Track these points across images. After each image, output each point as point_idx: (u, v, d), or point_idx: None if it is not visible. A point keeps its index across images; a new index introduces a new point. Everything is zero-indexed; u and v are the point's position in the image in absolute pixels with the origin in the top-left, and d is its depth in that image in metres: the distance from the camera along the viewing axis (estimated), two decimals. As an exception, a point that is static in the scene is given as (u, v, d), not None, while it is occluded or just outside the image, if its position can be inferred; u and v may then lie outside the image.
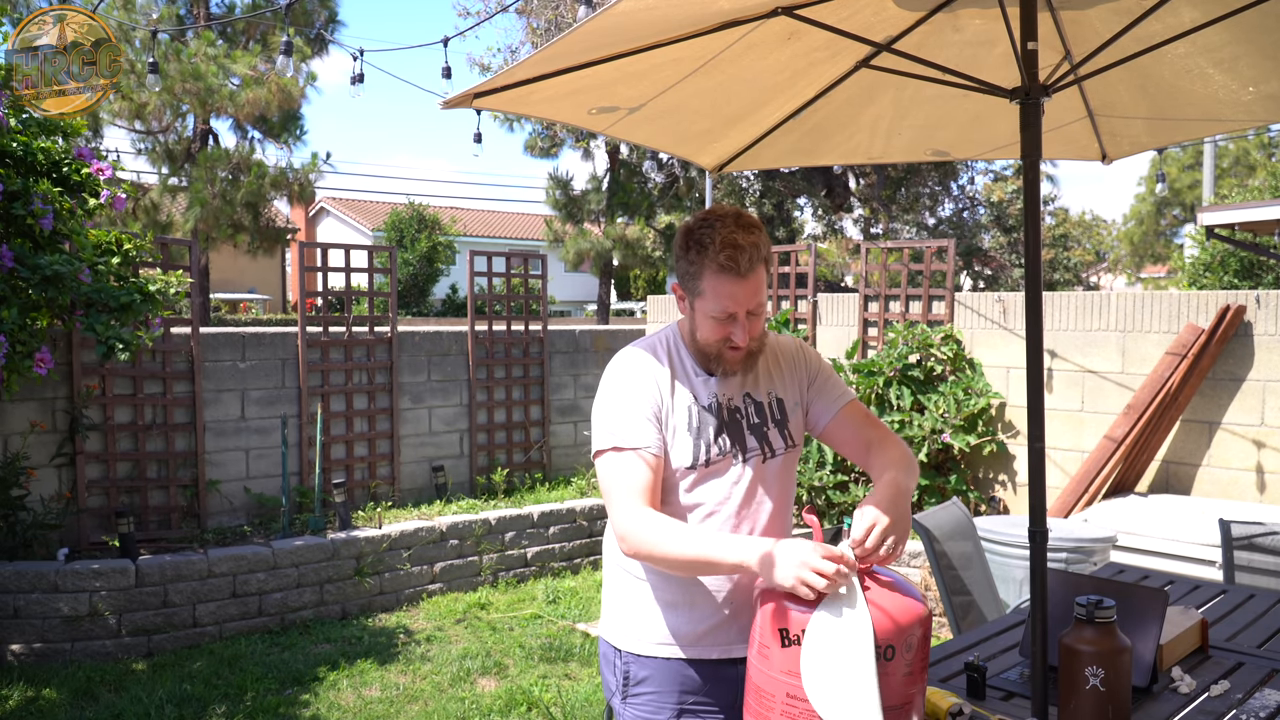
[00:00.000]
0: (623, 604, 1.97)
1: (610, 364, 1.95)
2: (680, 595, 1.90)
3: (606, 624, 2.03)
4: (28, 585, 4.57)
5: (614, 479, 1.83)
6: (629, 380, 1.89)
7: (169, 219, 12.33)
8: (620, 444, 1.83)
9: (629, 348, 1.97)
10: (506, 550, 6.12)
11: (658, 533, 1.75)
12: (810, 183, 16.88)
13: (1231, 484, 5.40)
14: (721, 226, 1.81)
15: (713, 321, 1.84)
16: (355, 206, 30.59)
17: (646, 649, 1.92)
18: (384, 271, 6.59)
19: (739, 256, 1.78)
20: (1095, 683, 1.80)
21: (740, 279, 1.79)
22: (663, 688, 1.90)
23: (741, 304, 1.81)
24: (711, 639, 1.90)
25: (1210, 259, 11.13)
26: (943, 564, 3.23)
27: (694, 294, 1.86)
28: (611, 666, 1.99)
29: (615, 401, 1.88)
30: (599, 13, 1.66)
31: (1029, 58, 1.93)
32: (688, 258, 1.84)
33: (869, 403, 6.39)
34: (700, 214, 1.88)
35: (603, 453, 1.86)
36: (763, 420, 1.94)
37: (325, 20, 13.41)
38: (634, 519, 1.78)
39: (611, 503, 1.83)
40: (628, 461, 1.82)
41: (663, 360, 1.92)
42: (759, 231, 1.82)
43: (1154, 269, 29.56)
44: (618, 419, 1.85)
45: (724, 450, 1.88)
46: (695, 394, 1.90)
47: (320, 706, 4.17)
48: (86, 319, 4.30)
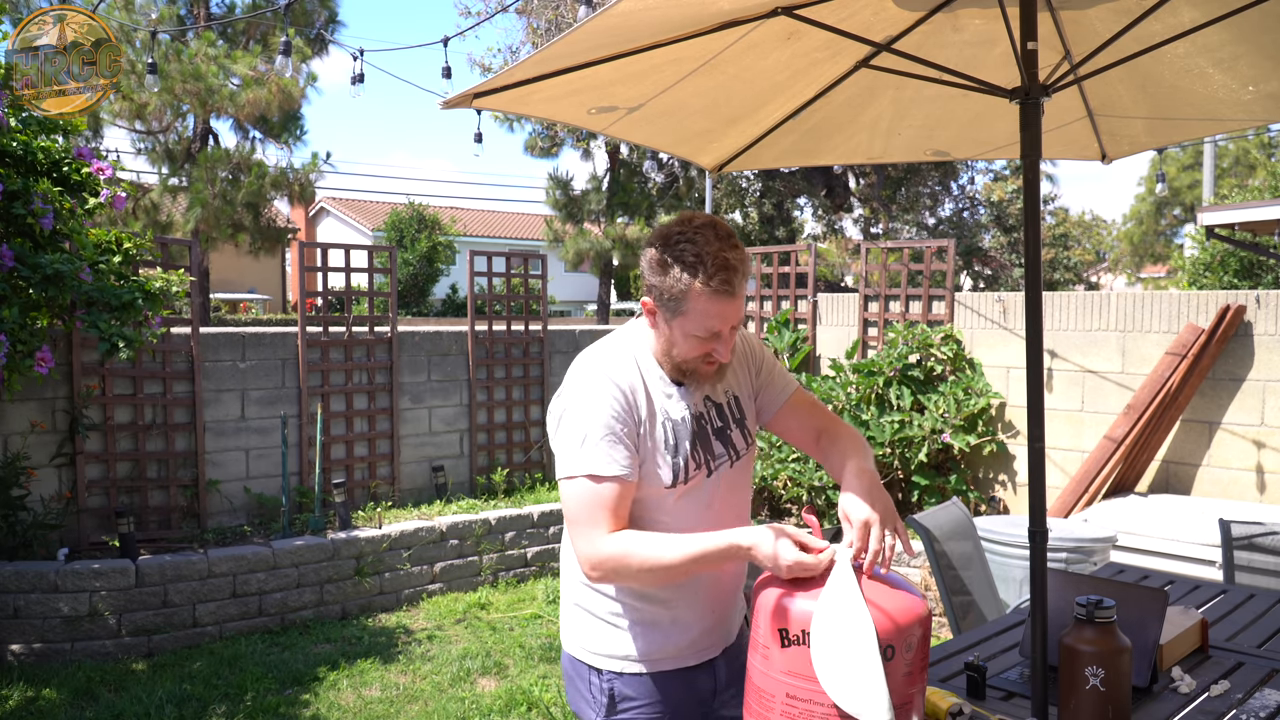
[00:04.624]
0: (599, 623, 1.88)
1: (576, 375, 1.82)
2: (660, 613, 1.84)
3: (578, 644, 1.91)
4: (28, 585, 4.57)
5: (582, 505, 1.72)
6: (601, 400, 1.75)
7: (169, 219, 12.33)
8: (594, 470, 1.71)
9: (594, 357, 1.84)
10: (506, 550, 6.12)
11: (630, 553, 1.68)
12: (810, 183, 16.88)
13: (1231, 484, 5.40)
14: (706, 242, 1.69)
15: (695, 340, 1.75)
16: (355, 206, 30.59)
17: (631, 667, 1.85)
18: (384, 271, 6.59)
19: (733, 279, 1.70)
20: (1095, 683, 1.80)
21: (733, 299, 1.71)
22: (650, 699, 1.86)
23: (728, 321, 1.74)
24: (695, 644, 1.88)
25: (1210, 259, 11.13)
26: (943, 564, 3.23)
27: (675, 313, 1.74)
28: (588, 686, 1.89)
29: (585, 422, 1.74)
30: (599, 13, 1.66)
31: (1029, 58, 1.93)
32: (668, 275, 1.71)
33: (869, 403, 6.39)
34: (674, 225, 1.75)
35: (573, 478, 1.73)
36: (725, 422, 1.90)
37: (325, 20, 13.41)
38: (601, 546, 1.70)
39: (577, 529, 1.73)
40: (599, 489, 1.71)
41: (634, 374, 1.81)
42: (740, 243, 1.75)
43: (1154, 269, 29.56)
44: (589, 442, 1.72)
45: (699, 463, 1.83)
46: (669, 410, 1.82)
47: (320, 706, 4.17)
48: (88, 317, 4.30)
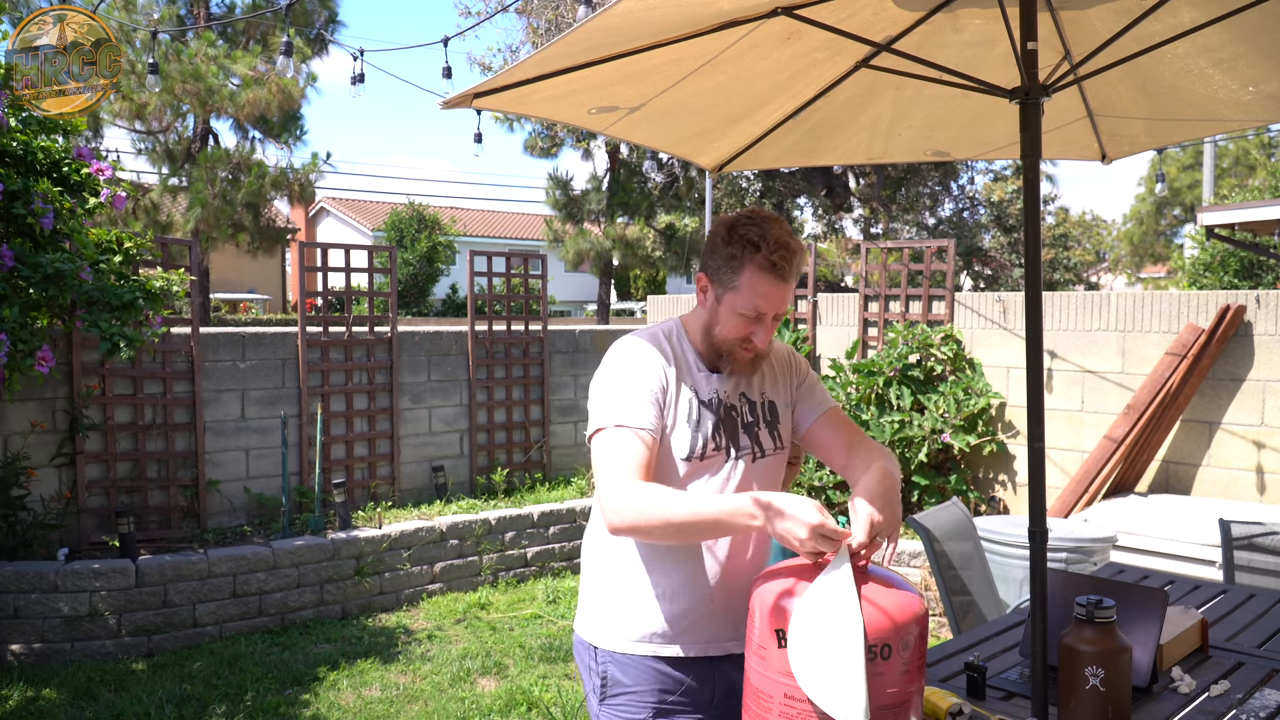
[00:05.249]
0: (603, 598, 1.95)
1: (613, 348, 1.93)
2: (665, 583, 1.87)
3: (584, 621, 2.02)
4: (28, 585, 4.57)
5: (611, 455, 1.78)
6: (634, 363, 1.86)
7: (169, 219, 12.34)
8: (623, 421, 1.79)
9: (631, 334, 1.95)
10: (506, 550, 6.12)
11: (654, 500, 1.71)
12: (810, 183, 16.88)
13: (1231, 484, 5.40)
14: (771, 227, 1.81)
15: (740, 318, 1.84)
16: (355, 206, 30.59)
17: (626, 646, 1.90)
18: (384, 271, 6.59)
19: (790, 259, 1.80)
20: (1095, 683, 1.80)
21: (782, 282, 1.81)
22: (640, 686, 1.89)
23: (774, 306, 1.83)
24: (695, 632, 1.89)
25: (1210, 259, 11.13)
26: (943, 564, 3.23)
27: (727, 287, 1.84)
28: (588, 668, 1.97)
29: (619, 381, 1.85)
30: (599, 13, 1.66)
31: (1029, 58, 1.93)
32: (729, 250, 1.82)
33: (869, 403, 6.39)
34: (744, 212, 1.88)
35: (602, 430, 1.81)
36: (755, 420, 1.95)
37: (325, 20, 13.42)
38: (627, 491, 1.73)
39: (605, 478, 1.77)
40: (627, 439, 1.78)
41: (666, 350, 1.90)
42: (800, 242, 1.86)
43: (1154, 269, 29.57)
44: (621, 398, 1.82)
45: (719, 445, 1.88)
46: (696, 387, 1.89)
47: (320, 706, 4.17)
48: (88, 317, 4.30)
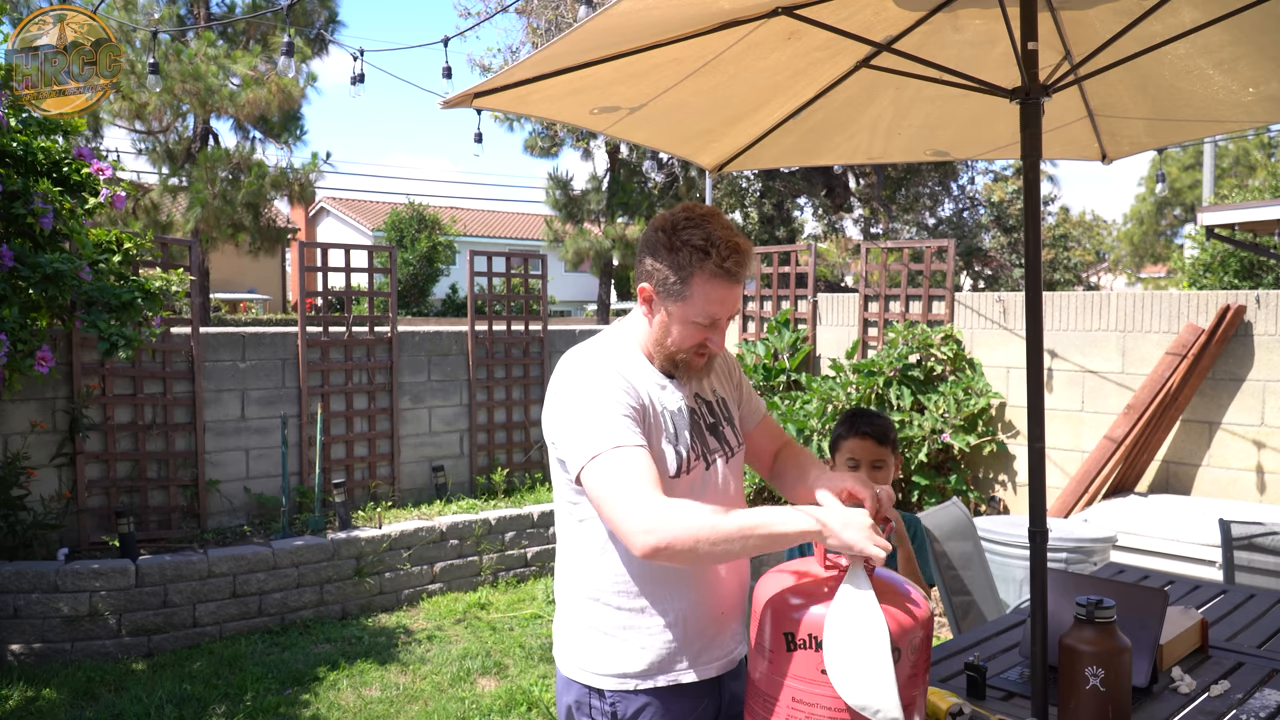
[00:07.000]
0: (601, 635, 1.80)
1: (567, 374, 1.76)
2: (676, 608, 1.78)
3: (577, 662, 1.82)
4: (28, 585, 4.57)
5: (622, 476, 1.61)
6: (600, 385, 1.71)
7: (169, 219, 12.35)
8: (620, 442, 1.64)
9: (579, 356, 1.79)
10: (506, 550, 6.12)
11: (699, 515, 1.58)
12: (810, 183, 16.88)
13: (1231, 484, 5.40)
14: (714, 229, 1.70)
15: (693, 327, 1.74)
16: (355, 206, 30.59)
17: (637, 683, 1.77)
18: (384, 271, 6.59)
19: (742, 261, 1.71)
20: (1095, 683, 1.80)
21: (736, 285, 1.72)
22: (656, 714, 1.78)
23: (729, 309, 1.74)
24: (711, 651, 1.82)
25: (1210, 259, 11.12)
26: (943, 564, 3.23)
27: (676, 298, 1.72)
28: (587, 710, 1.80)
29: (594, 405, 1.69)
30: (599, 13, 1.66)
31: (1029, 58, 1.93)
32: (675, 259, 1.70)
33: (869, 403, 6.38)
34: (679, 213, 1.75)
35: (598, 455, 1.64)
36: (716, 420, 1.90)
37: (325, 20, 13.42)
38: (658, 508, 1.57)
39: (623, 500, 1.59)
40: (634, 457, 1.63)
41: (623, 367, 1.77)
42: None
43: (1154, 269, 29.56)
44: (604, 421, 1.67)
45: (698, 454, 1.82)
46: (664, 401, 1.79)
47: (320, 706, 4.17)
48: (88, 317, 4.30)
